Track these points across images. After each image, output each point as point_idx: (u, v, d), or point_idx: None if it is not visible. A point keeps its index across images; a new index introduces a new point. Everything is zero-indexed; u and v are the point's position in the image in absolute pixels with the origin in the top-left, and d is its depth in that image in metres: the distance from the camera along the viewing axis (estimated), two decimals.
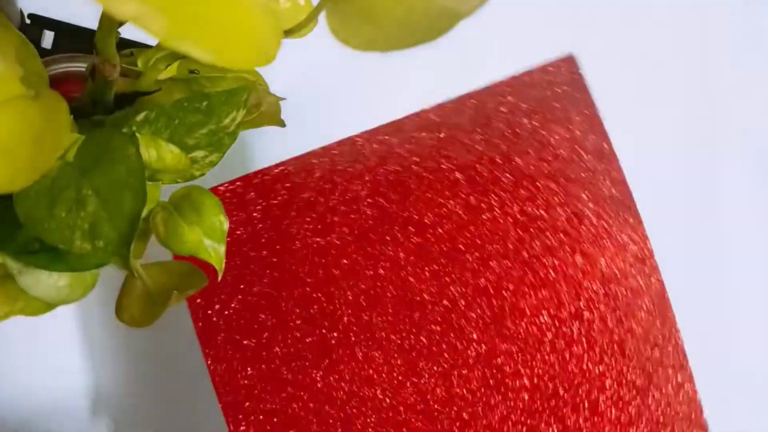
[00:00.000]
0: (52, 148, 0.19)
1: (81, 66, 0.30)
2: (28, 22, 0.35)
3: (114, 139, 0.21)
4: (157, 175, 0.24)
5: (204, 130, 0.25)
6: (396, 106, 0.35)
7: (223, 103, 0.25)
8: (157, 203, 0.26)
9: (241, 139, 0.41)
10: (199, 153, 0.26)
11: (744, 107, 0.46)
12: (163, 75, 0.27)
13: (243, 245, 0.33)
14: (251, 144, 0.40)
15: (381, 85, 0.42)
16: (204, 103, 0.24)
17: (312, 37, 0.23)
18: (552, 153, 0.34)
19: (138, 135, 0.22)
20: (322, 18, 0.18)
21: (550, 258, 0.34)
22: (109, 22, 0.21)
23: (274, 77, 0.31)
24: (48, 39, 0.35)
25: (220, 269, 0.26)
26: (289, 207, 0.34)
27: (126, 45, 0.31)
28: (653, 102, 0.46)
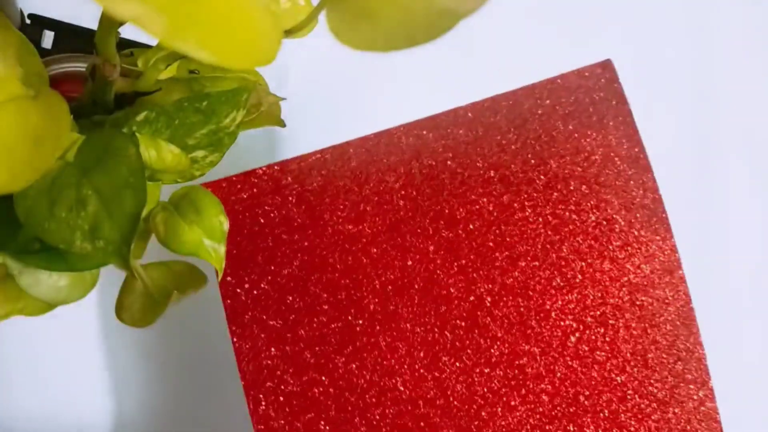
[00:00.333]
0: (52, 148, 0.19)
1: (81, 66, 0.30)
2: (28, 22, 0.35)
3: (114, 139, 0.21)
4: (157, 175, 0.24)
5: (204, 130, 0.25)
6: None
7: (223, 103, 0.25)
8: (157, 203, 0.26)
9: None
10: (199, 153, 0.26)
11: (745, 110, 0.46)
12: (163, 75, 0.27)
13: (276, 228, 0.34)
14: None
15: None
16: (204, 103, 0.25)
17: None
18: (586, 158, 0.34)
19: (138, 135, 0.22)
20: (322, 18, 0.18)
21: (578, 262, 0.33)
22: (109, 22, 0.21)
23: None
24: (48, 39, 0.35)
25: (220, 269, 0.26)
26: (324, 194, 0.34)
27: (126, 45, 0.31)
28: (652, 102, 0.46)
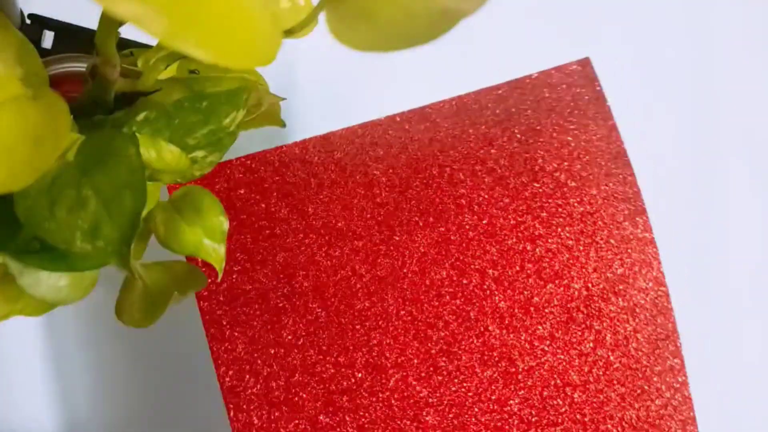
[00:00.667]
0: (52, 148, 0.19)
1: (81, 66, 0.30)
2: (28, 22, 0.35)
3: (114, 139, 0.21)
4: (157, 175, 0.24)
5: (204, 130, 0.25)
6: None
7: (223, 103, 0.25)
8: (157, 203, 0.26)
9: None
10: (199, 153, 0.26)
11: (744, 110, 0.46)
12: (163, 75, 0.27)
13: (257, 222, 0.32)
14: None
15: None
16: (204, 103, 0.24)
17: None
18: (569, 152, 0.34)
19: (138, 135, 0.22)
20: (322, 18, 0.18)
21: (564, 254, 0.33)
22: (109, 22, 0.21)
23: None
24: (48, 39, 0.35)
25: (220, 270, 0.26)
26: (307, 186, 0.32)
27: (126, 45, 0.31)
28: (652, 102, 0.46)
